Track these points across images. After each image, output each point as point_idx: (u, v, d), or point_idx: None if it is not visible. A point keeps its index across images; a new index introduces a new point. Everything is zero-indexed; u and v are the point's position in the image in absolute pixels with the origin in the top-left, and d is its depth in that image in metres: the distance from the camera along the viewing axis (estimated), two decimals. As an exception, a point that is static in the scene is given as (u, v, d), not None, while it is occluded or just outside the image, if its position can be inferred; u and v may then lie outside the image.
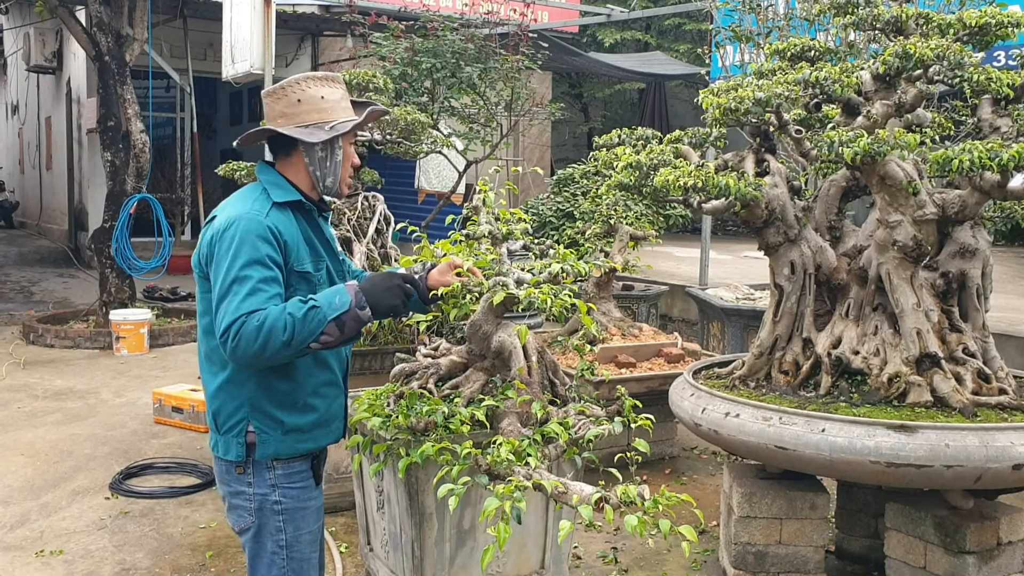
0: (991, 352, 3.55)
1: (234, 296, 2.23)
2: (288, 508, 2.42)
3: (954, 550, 3.26)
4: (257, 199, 2.38)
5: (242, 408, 2.37)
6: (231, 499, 2.45)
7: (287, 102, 2.41)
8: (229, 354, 2.23)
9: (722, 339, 6.84)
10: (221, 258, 2.28)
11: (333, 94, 2.45)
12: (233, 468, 2.41)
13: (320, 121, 2.41)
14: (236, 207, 2.37)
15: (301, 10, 11.32)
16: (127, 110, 8.82)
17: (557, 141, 18.88)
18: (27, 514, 4.47)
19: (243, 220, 2.30)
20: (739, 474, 3.74)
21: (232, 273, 2.25)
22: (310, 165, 2.44)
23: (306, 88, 2.42)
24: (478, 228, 3.03)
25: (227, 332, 2.21)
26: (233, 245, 2.27)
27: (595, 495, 2.16)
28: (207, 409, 2.46)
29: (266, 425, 2.38)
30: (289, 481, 2.42)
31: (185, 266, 12.53)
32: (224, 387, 2.38)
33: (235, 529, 2.48)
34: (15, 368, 7.55)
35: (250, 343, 2.19)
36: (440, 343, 3.23)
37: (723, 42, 7.58)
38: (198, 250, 2.41)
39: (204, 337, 2.43)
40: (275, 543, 2.42)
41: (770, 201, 3.58)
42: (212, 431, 2.45)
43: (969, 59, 3.40)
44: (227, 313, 2.22)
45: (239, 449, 2.38)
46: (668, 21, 17.91)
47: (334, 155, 2.45)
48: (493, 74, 8.33)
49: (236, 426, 2.38)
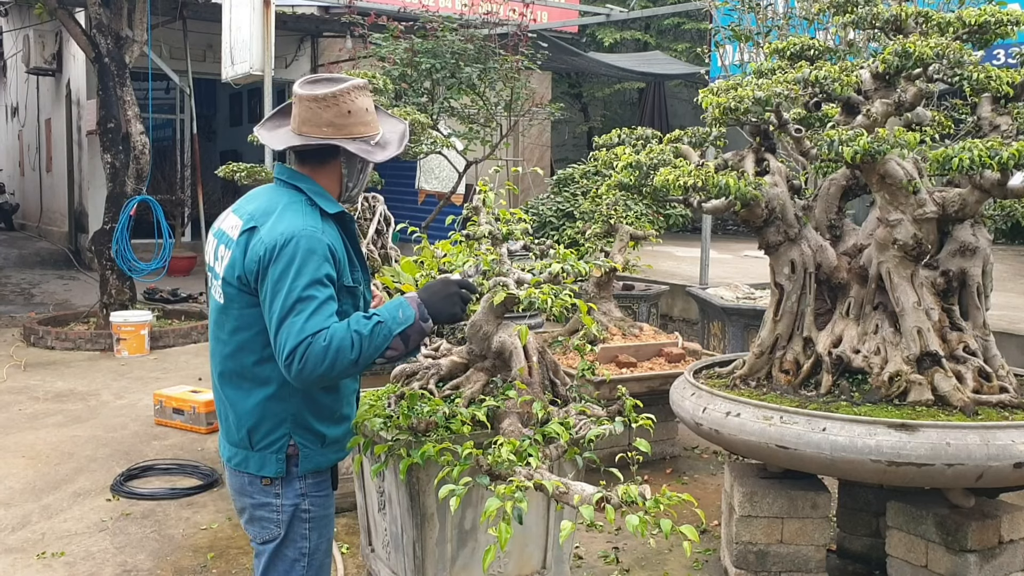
0: (992, 350, 3.55)
1: (297, 316, 2.16)
2: (315, 516, 2.43)
3: (955, 549, 3.26)
4: (307, 212, 2.30)
5: (284, 424, 2.34)
6: (254, 511, 2.41)
7: (337, 111, 2.34)
8: (294, 376, 2.17)
9: (723, 338, 6.84)
10: (281, 277, 2.20)
11: (372, 105, 2.44)
12: (259, 480, 2.37)
13: (366, 135, 2.38)
14: (288, 221, 2.26)
15: (300, 11, 11.32)
16: (127, 112, 8.83)
17: (557, 141, 18.88)
18: (28, 516, 4.48)
19: (302, 237, 2.23)
20: (740, 473, 3.74)
21: (295, 293, 2.18)
22: (347, 176, 2.42)
23: (355, 99, 2.37)
24: (478, 228, 3.03)
25: (292, 355, 2.14)
26: (295, 264, 2.20)
27: (596, 495, 2.16)
28: (234, 425, 2.39)
29: (308, 440, 2.37)
30: (317, 490, 2.43)
31: (185, 267, 12.56)
32: (264, 404, 2.33)
33: (256, 540, 2.45)
34: (16, 370, 7.55)
35: (318, 364, 2.15)
36: (441, 343, 3.23)
37: (722, 41, 7.57)
38: (237, 263, 2.29)
39: (236, 354, 2.35)
40: (298, 551, 2.41)
41: (770, 200, 3.57)
42: (240, 448, 2.39)
43: (969, 57, 3.39)
44: (290, 335, 2.15)
45: (278, 465, 2.35)
46: (667, 21, 17.92)
47: (367, 167, 2.45)
48: (493, 74, 8.33)
49: (276, 442, 2.35)
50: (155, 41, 10.23)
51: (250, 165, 6.00)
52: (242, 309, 2.31)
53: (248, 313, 2.30)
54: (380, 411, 2.94)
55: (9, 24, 16.24)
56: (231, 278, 2.31)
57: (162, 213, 8.74)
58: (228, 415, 2.41)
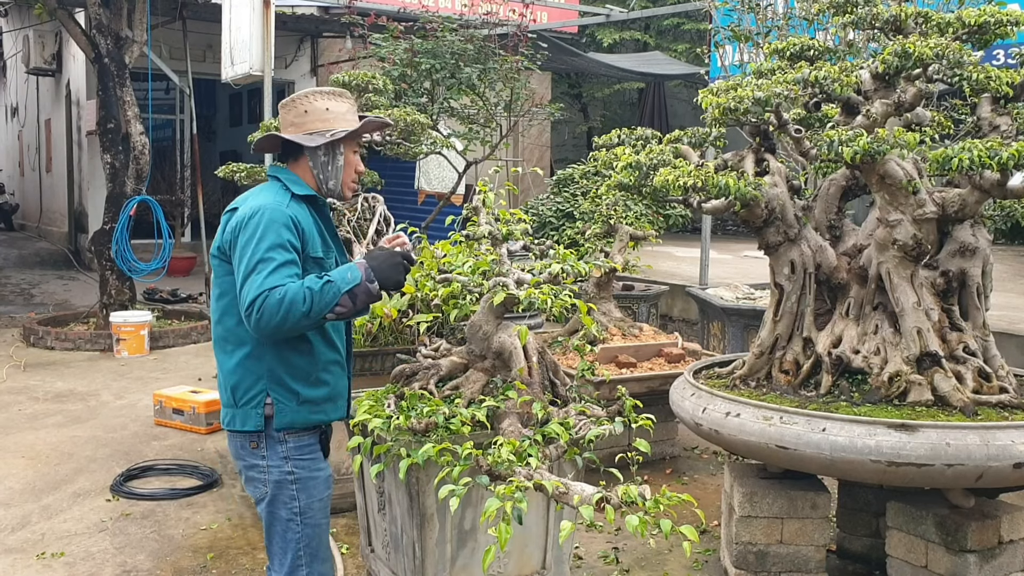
0: (991, 351, 3.55)
1: (258, 274, 2.45)
2: (301, 478, 2.64)
3: (955, 549, 3.26)
4: (278, 192, 2.64)
5: (260, 380, 2.59)
6: (247, 472, 2.68)
7: (296, 112, 2.69)
8: (253, 325, 2.45)
9: (722, 339, 6.84)
10: (247, 242, 2.50)
11: (338, 107, 2.71)
12: (248, 443, 2.63)
13: (323, 129, 2.67)
14: (259, 198, 2.60)
15: (300, 11, 11.31)
16: (127, 112, 8.82)
17: (557, 141, 18.89)
18: (28, 516, 4.47)
19: (267, 209, 2.54)
20: (740, 474, 3.74)
21: (257, 255, 2.47)
22: (314, 168, 2.70)
23: (313, 101, 2.69)
24: (478, 229, 3.03)
25: (252, 305, 2.43)
26: (259, 231, 2.50)
27: (596, 495, 2.16)
28: (222, 387, 2.67)
29: (283, 396, 2.60)
30: (300, 453, 2.64)
31: (185, 268, 12.55)
32: (243, 363, 2.60)
33: (254, 499, 2.71)
34: (15, 370, 7.55)
35: (273, 314, 2.42)
36: (441, 344, 3.23)
37: (722, 42, 7.57)
38: (219, 237, 2.63)
39: (221, 319, 2.64)
40: (289, 511, 2.64)
41: (770, 200, 3.57)
42: (228, 407, 2.66)
43: (968, 58, 3.39)
44: (251, 289, 2.44)
45: (257, 419, 2.60)
46: (667, 21, 17.92)
47: (335, 160, 2.70)
48: (492, 75, 8.33)
49: (255, 398, 2.60)
50: (155, 41, 10.23)
51: (250, 165, 6.00)
52: (223, 276, 2.63)
53: (228, 280, 2.61)
54: (380, 412, 2.94)
55: (9, 24, 16.23)
56: (216, 251, 2.65)
57: (162, 213, 8.74)
58: (220, 377, 2.69)
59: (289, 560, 2.65)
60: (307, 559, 2.67)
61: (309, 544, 2.67)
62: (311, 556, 2.68)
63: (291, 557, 2.65)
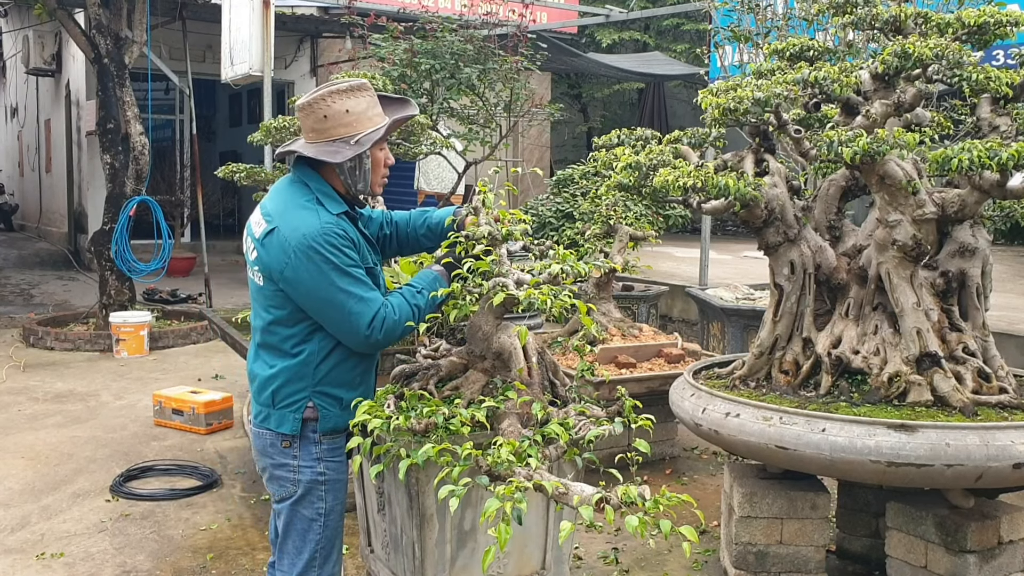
0: (991, 351, 3.55)
1: (357, 297, 2.50)
2: (331, 479, 2.68)
3: (955, 549, 3.26)
4: (318, 210, 2.55)
5: (305, 389, 2.61)
6: (274, 470, 2.67)
7: (315, 118, 2.58)
8: (372, 344, 2.55)
9: (722, 339, 6.84)
10: (318, 269, 2.47)
11: (358, 105, 2.60)
12: (279, 442, 2.63)
13: (346, 136, 2.57)
14: (305, 219, 2.51)
15: (300, 12, 11.32)
16: (126, 112, 8.82)
17: (556, 142, 18.89)
18: (28, 517, 4.47)
19: (324, 233, 2.49)
20: (740, 474, 3.74)
21: (343, 278, 2.49)
22: (341, 175, 2.63)
23: (331, 103, 2.57)
24: (477, 229, 3.03)
25: (371, 326, 2.51)
26: (327, 255, 2.47)
27: (596, 496, 2.16)
28: (259, 388, 2.64)
29: (327, 403, 2.63)
30: (332, 455, 2.68)
31: (185, 268, 12.56)
32: (291, 369, 2.59)
33: (275, 496, 2.71)
34: (15, 371, 7.55)
35: (394, 332, 2.55)
36: (440, 344, 3.23)
37: (722, 42, 7.58)
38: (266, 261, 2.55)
39: (271, 327, 2.61)
40: (315, 511, 2.66)
41: (769, 201, 3.57)
42: (264, 407, 2.64)
43: (968, 58, 3.39)
44: (363, 312, 2.50)
45: (294, 424, 2.61)
46: (667, 21, 17.93)
47: (363, 165, 2.64)
48: (492, 75, 8.33)
49: (297, 403, 2.61)
50: (155, 42, 10.23)
51: (250, 166, 6.00)
52: (274, 292, 2.58)
53: (280, 295, 2.57)
54: (379, 412, 2.94)
55: (9, 25, 16.23)
56: (263, 269, 2.58)
57: (161, 214, 8.74)
58: (258, 377, 2.66)
59: (304, 560, 2.67)
60: (321, 560, 2.68)
61: (326, 546, 2.69)
62: (324, 558, 2.69)
63: (307, 557, 2.67)
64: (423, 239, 2.94)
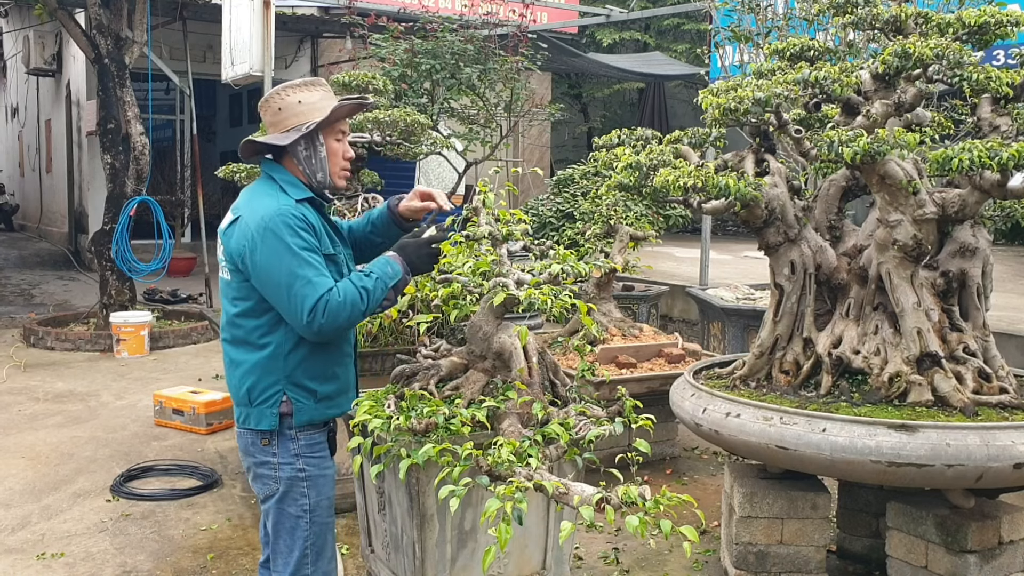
0: (992, 351, 3.55)
1: (305, 283, 2.48)
2: (311, 475, 2.67)
3: (955, 549, 3.26)
4: (280, 195, 2.61)
5: (278, 382, 2.61)
6: (256, 469, 2.69)
7: (271, 111, 2.68)
8: (315, 330, 2.50)
9: (723, 339, 6.84)
10: (273, 252, 2.50)
11: (310, 97, 2.67)
12: (259, 440, 2.64)
13: (298, 124, 2.65)
14: (265, 204, 2.57)
15: (300, 12, 11.32)
16: (127, 112, 8.83)
17: (557, 142, 18.88)
18: (28, 517, 4.47)
19: (280, 215, 2.53)
20: (740, 474, 3.74)
21: (293, 263, 2.49)
22: (299, 164, 2.68)
23: (284, 96, 2.67)
24: (478, 229, 3.03)
25: (313, 311, 2.48)
26: (282, 238, 2.50)
27: (596, 496, 2.16)
28: (235, 386, 2.66)
29: (301, 395, 2.63)
30: (311, 451, 2.68)
31: (185, 268, 12.54)
32: (261, 363, 2.60)
33: (260, 496, 2.72)
34: (16, 371, 7.55)
35: (336, 316, 2.50)
36: (441, 344, 3.23)
37: (722, 42, 7.58)
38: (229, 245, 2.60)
39: (237, 321, 2.63)
40: (299, 508, 2.66)
41: (770, 201, 3.57)
42: (242, 406, 2.66)
43: (968, 58, 3.39)
44: (306, 298, 2.48)
45: (272, 419, 2.61)
46: (667, 21, 17.93)
47: (317, 152, 2.68)
48: (492, 75, 8.33)
49: (271, 397, 2.61)
50: (155, 42, 10.23)
51: (250, 166, 5.99)
52: (240, 282, 2.61)
53: (246, 285, 2.60)
54: (380, 412, 2.94)
55: (9, 25, 16.25)
56: (229, 261, 2.63)
57: (162, 214, 8.74)
58: (233, 376, 2.68)
59: (296, 558, 2.67)
60: (313, 557, 2.69)
61: (316, 542, 2.69)
62: (317, 554, 2.70)
63: (298, 555, 2.67)
64: (372, 236, 2.97)
